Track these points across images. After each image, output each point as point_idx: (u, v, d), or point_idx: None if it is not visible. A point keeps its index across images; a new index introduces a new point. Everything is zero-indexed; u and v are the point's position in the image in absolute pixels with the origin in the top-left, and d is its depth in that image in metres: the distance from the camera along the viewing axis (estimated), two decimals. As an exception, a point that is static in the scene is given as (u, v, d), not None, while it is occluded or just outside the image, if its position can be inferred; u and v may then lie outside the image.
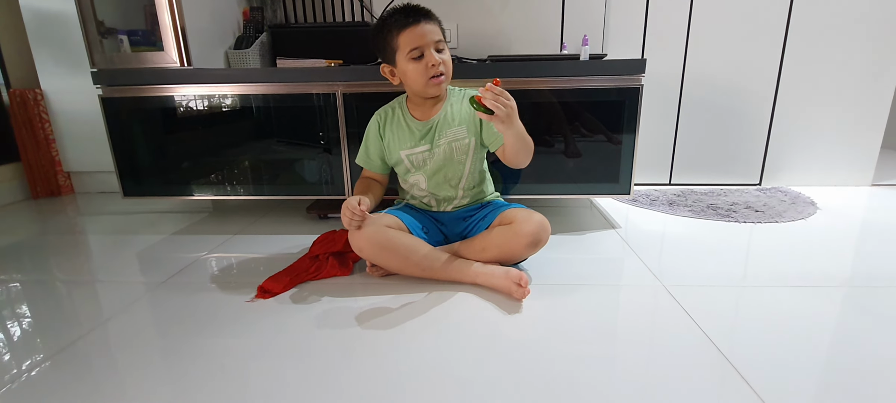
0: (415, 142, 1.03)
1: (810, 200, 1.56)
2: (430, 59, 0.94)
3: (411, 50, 0.94)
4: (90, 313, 0.90)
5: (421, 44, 0.94)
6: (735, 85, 1.69)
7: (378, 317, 0.85)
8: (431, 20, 0.96)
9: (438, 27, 0.97)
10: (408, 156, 1.04)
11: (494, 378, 0.67)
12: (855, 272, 1.02)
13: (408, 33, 0.93)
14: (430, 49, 0.94)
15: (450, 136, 1.02)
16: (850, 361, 0.70)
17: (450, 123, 1.02)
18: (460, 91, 1.07)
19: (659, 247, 1.18)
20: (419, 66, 0.95)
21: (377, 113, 1.08)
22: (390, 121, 1.06)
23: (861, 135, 1.71)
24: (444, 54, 0.97)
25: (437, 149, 1.02)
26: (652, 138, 1.76)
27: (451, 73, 1.00)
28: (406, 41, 0.94)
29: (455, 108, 1.04)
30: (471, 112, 1.03)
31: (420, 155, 1.04)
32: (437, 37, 0.95)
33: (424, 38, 0.94)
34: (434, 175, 1.05)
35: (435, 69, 0.95)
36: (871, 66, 1.63)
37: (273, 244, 1.26)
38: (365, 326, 0.82)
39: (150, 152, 1.38)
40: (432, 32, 0.94)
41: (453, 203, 1.09)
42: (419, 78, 0.96)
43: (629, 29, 1.69)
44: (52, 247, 1.30)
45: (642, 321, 0.84)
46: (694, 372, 0.68)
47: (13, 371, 0.72)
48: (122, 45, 1.37)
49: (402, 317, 0.85)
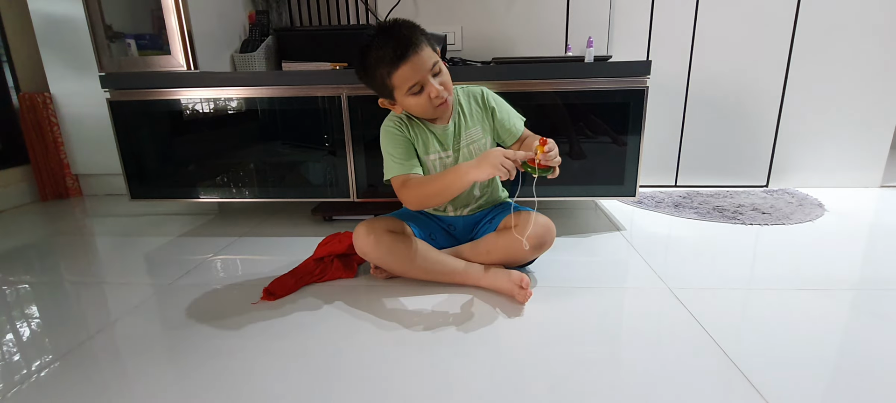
0: (441, 147, 1.00)
1: (818, 202, 1.54)
2: (431, 90, 0.89)
3: (410, 87, 0.89)
4: (98, 314, 0.91)
5: (418, 79, 0.88)
6: (741, 85, 1.68)
7: (382, 320, 0.85)
8: (419, 47, 0.87)
9: (429, 48, 0.89)
10: (433, 160, 1.00)
11: (498, 381, 0.67)
12: (863, 275, 1.01)
13: (401, 72, 0.87)
14: (428, 78, 0.88)
15: (468, 139, 1.00)
16: (858, 365, 0.69)
17: (467, 125, 1.01)
18: (463, 87, 1.05)
19: (664, 250, 1.18)
20: (421, 99, 0.90)
21: (390, 121, 1.00)
22: (411, 128, 0.98)
23: (870, 136, 1.69)
24: (442, 74, 0.91)
25: (461, 155, 1.00)
26: (657, 140, 1.75)
27: (452, 85, 0.97)
28: (402, 80, 0.88)
29: (466, 110, 1.02)
30: (480, 107, 1.02)
31: (445, 159, 1.00)
32: (431, 62, 0.88)
33: (419, 71, 0.87)
34: None
35: (439, 98, 0.90)
36: (879, 66, 1.61)
37: (278, 246, 1.27)
38: (368, 329, 0.82)
39: (157, 155, 1.39)
40: (426, 61, 0.87)
41: (470, 206, 1.07)
42: (423, 108, 0.92)
43: (634, 30, 1.68)
44: (60, 249, 1.31)
45: (647, 324, 0.84)
46: (700, 376, 0.67)
47: (23, 372, 0.72)
48: (129, 49, 1.38)
49: (405, 319, 0.85)
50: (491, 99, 1.03)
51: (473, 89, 1.05)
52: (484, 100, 1.03)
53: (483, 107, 1.03)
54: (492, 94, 1.04)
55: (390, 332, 0.81)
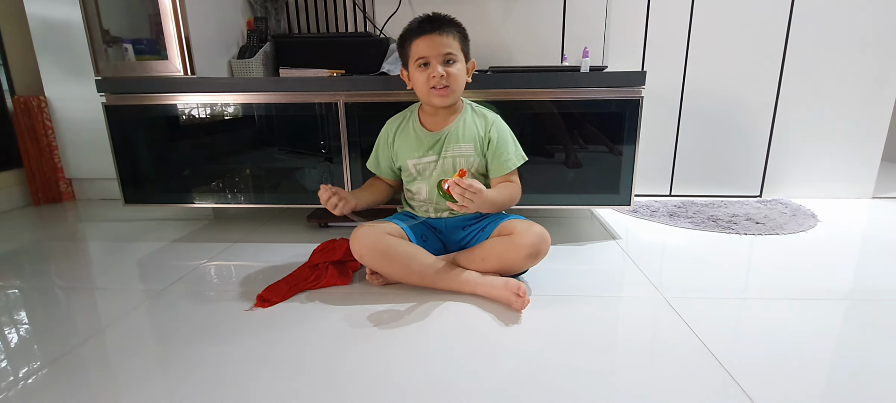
0: (422, 151, 1.04)
1: (811, 212, 1.56)
2: (431, 70, 0.96)
3: (418, 58, 0.96)
4: (89, 320, 0.90)
5: (428, 54, 0.95)
6: (735, 96, 1.70)
7: (377, 327, 0.85)
8: (447, 32, 0.96)
9: (455, 40, 0.97)
10: (415, 164, 1.06)
11: (493, 389, 0.67)
12: (856, 285, 1.02)
13: (419, 42, 0.96)
14: (436, 61, 0.95)
15: (456, 151, 1.04)
16: (851, 375, 0.70)
17: (458, 138, 1.04)
18: (480, 107, 1.09)
19: (659, 259, 1.18)
20: (423, 76, 0.97)
21: (391, 119, 1.11)
22: (401, 129, 1.08)
23: (862, 148, 1.71)
24: (454, 67, 0.97)
25: (443, 161, 1.04)
26: (652, 149, 1.76)
27: (460, 87, 1.01)
28: (416, 49, 0.97)
29: (468, 124, 1.05)
30: (482, 132, 1.05)
31: (426, 164, 1.05)
32: (447, 49, 0.96)
33: (432, 49, 0.95)
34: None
35: (434, 81, 0.96)
36: (871, 78, 1.64)
37: (273, 252, 1.26)
38: (363, 335, 0.82)
39: (151, 160, 1.38)
40: (442, 45, 0.95)
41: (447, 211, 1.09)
42: (422, 87, 0.99)
43: (629, 41, 1.70)
44: (51, 254, 1.30)
45: (642, 333, 0.84)
46: (694, 385, 0.67)
47: (10, 379, 0.71)
48: (126, 54, 1.38)
49: (400, 327, 0.85)
50: (494, 129, 1.06)
51: (488, 113, 1.09)
52: (488, 126, 1.06)
53: (484, 133, 1.06)
54: (499, 127, 1.07)
55: (385, 340, 0.80)
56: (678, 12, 1.65)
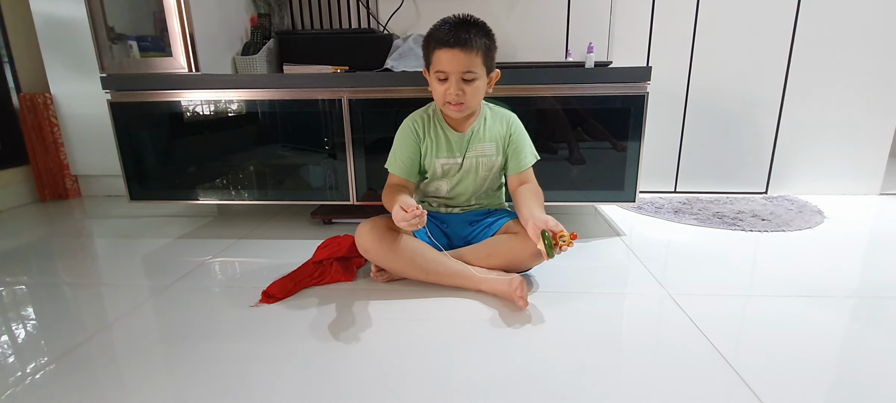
0: (451, 152, 1.04)
1: (817, 209, 1.54)
2: (449, 88, 0.94)
3: (438, 71, 0.95)
4: (95, 316, 0.91)
5: (447, 70, 0.93)
6: (741, 92, 1.69)
7: (381, 323, 0.85)
8: (472, 49, 0.91)
9: (479, 57, 0.93)
10: (442, 164, 1.05)
11: (498, 386, 0.67)
12: (863, 282, 1.01)
13: (441, 53, 0.93)
14: (454, 77, 0.93)
15: (479, 150, 1.04)
16: (857, 371, 0.69)
17: (481, 138, 1.04)
18: (496, 106, 1.09)
19: (664, 255, 1.17)
20: (441, 88, 0.96)
21: (411, 118, 1.05)
22: (429, 129, 1.04)
23: (869, 144, 1.69)
24: (472, 85, 0.94)
25: (467, 161, 1.04)
26: (657, 146, 1.75)
27: (477, 103, 1.00)
28: (437, 60, 0.94)
29: (489, 124, 1.05)
30: (503, 131, 1.05)
31: (452, 164, 1.05)
32: (467, 68, 0.92)
33: (453, 65, 0.92)
34: (457, 185, 1.07)
35: (451, 97, 0.95)
36: (878, 73, 1.62)
37: (277, 249, 1.26)
38: (367, 332, 0.82)
39: (157, 156, 1.39)
40: (464, 64, 0.92)
41: (461, 206, 1.10)
42: (438, 97, 0.98)
43: (634, 36, 1.69)
44: (58, 250, 1.31)
45: (647, 329, 0.83)
46: (699, 381, 0.67)
47: (17, 374, 0.72)
48: (131, 51, 1.38)
49: (405, 323, 0.85)
50: (513, 127, 1.06)
51: (506, 113, 1.09)
52: (508, 124, 1.06)
53: (505, 132, 1.06)
54: (517, 126, 1.07)
55: (389, 335, 0.81)
56: (684, 6, 1.64)
